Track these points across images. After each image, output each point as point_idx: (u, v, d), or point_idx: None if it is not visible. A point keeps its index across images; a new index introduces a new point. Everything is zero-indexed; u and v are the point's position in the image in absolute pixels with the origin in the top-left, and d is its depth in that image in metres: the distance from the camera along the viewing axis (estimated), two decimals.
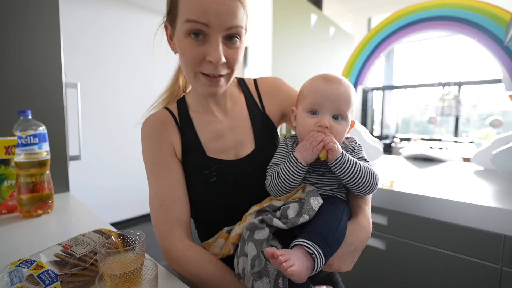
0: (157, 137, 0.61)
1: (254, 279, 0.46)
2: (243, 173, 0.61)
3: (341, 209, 0.52)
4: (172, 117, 0.64)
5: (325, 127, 0.54)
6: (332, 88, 0.54)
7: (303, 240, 0.44)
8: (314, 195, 0.52)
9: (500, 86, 3.19)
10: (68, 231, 0.77)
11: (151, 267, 0.44)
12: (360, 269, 1.41)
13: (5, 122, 0.95)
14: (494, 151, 1.60)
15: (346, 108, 0.55)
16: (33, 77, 1.02)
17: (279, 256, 0.40)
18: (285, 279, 0.46)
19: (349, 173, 0.52)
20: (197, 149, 0.62)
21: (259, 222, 0.50)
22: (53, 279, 0.43)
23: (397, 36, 2.28)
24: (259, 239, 0.48)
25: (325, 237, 0.45)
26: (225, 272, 0.55)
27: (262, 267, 0.46)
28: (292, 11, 3.10)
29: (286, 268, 0.39)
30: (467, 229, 1.11)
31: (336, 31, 3.97)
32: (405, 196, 1.25)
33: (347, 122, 0.57)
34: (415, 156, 2.09)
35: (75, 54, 2.62)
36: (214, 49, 0.50)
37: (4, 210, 0.88)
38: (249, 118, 0.66)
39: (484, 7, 1.84)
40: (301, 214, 0.49)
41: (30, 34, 1.00)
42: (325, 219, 0.49)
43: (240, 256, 0.49)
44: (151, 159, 0.61)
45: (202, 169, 0.61)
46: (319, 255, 0.43)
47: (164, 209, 0.58)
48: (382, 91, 4.63)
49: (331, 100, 0.54)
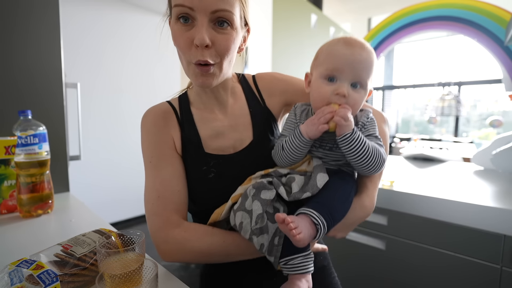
0: (158, 130, 0.61)
1: (255, 234, 0.49)
2: (241, 166, 0.61)
3: (350, 186, 0.53)
4: (173, 111, 0.64)
5: (342, 95, 0.50)
6: (354, 53, 0.50)
7: (311, 210, 0.46)
8: (321, 171, 0.51)
9: (500, 86, 3.19)
10: (68, 231, 0.77)
11: (151, 267, 0.44)
12: (360, 269, 1.41)
13: (5, 122, 0.95)
14: (494, 151, 1.60)
15: (367, 75, 0.51)
16: (33, 77, 1.02)
17: (290, 223, 0.42)
18: (280, 238, 0.49)
19: (355, 152, 0.50)
20: (196, 145, 0.62)
21: (267, 182, 0.51)
22: (53, 279, 0.43)
23: (397, 36, 2.28)
24: (265, 198, 0.49)
25: (332, 211, 0.47)
26: (224, 235, 0.56)
27: (264, 225, 0.49)
28: (292, 11, 3.10)
29: (295, 234, 0.42)
30: (467, 229, 1.11)
31: (336, 31, 3.97)
32: (405, 196, 1.25)
33: (366, 91, 0.53)
34: (415, 156, 2.09)
35: (75, 54, 2.62)
36: (199, 31, 0.50)
37: (4, 210, 0.88)
38: (249, 114, 0.66)
39: (484, 7, 1.84)
40: (305, 191, 0.50)
41: (30, 34, 1.00)
42: (335, 193, 0.50)
43: (239, 211, 0.51)
44: (150, 152, 0.60)
45: (200, 165, 0.61)
46: (323, 226, 0.45)
47: (162, 201, 0.57)
48: (382, 91, 4.63)
49: (352, 66, 0.50)
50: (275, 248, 0.49)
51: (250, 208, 0.50)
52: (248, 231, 0.50)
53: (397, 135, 4.84)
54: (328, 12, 4.77)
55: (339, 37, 0.54)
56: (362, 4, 4.66)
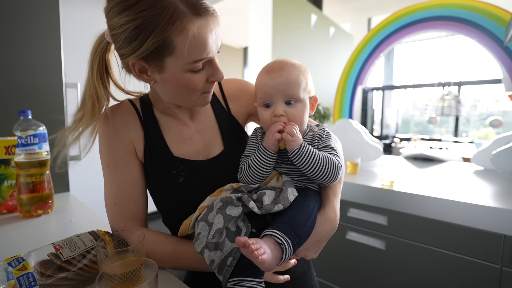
0: (115, 133, 0.58)
1: (208, 248, 0.48)
2: (214, 173, 0.60)
3: (313, 202, 0.54)
4: (136, 112, 0.61)
5: (279, 116, 0.55)
6: (274, 78, 0.55)
7: (273, 231, 0.45)
8: (291, 186, 0.53)
9: (500, 86, 3.19)
10: (68, 231, 0.77)
11: (151, 267, 0.44)
12: (360, 269, 1.41)
13: (5, 122, 0.95)
14: (494, 151, 1.60)
15: (295, 91, 0.55)
16: (33, 77, 1.02)
17: (251, 245, 0.40)
18: (234, 260, 0.47)
19: (307, 164, 0.53)
20: (163, 149, 0.60)
21: (236, 199, 0.51)
22: (31, 283, 0.43)
23: (397, 36, 2.28)
24: (230, 215, 0.49)
25: (295, 229, 0.47)
26: (175, 246, 0.56)
27: (220, 241, 0.48)
28: (292, 11, 3.10)
29: (257, 256, 0.40)
30: (467, 229, 1.11)
31: (336, 31, 3.97)
32: (405, 196, 1.25)
33: (303, 103, 0.57)
34: (415, 156, 2.09)
35: (75, 54, 2.62)
36: (217, 70, 0.53)
37: (4, 210, 0.88)
38: (215, 120, 0.66)
39: (484, 7, 1.84)
40: (276, 203, 0.50)
41: (30, 34, 1.00)
42: (297, 211, 0.50)
43: (201, 221, 0.51)
44: (107, 157, 0.59)
45: (169, 169, 0.59)
46: (288, 246, 0.45)
47: (118, 207, 0.57)
48: (382, 91, 4.64)
49: (276, 89, 0.55)
50: (226, 269, 0.47)
51: (212, 220, 0.49)
52: (203, 244, 0.49)
53: (397, 135, 4.84)
54: (328, 12, 4.77)
55: (265, 65, 0.59)
56: (362, 4, 4.66)
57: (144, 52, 0.47)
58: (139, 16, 0.44)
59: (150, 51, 0.47)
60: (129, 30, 0.45)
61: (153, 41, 0.45)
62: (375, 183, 1.40)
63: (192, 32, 0.46)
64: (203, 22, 0.47)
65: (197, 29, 0.46)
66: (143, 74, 0.53)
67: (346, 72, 2.57)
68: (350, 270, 1.45)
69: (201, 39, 0.47)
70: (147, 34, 0.45)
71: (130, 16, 0.44)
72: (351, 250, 1.42)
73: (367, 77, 2.53)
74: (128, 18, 0.44)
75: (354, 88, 2.54)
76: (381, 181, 1.42)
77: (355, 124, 1.96)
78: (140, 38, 0.45)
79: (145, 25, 0.44)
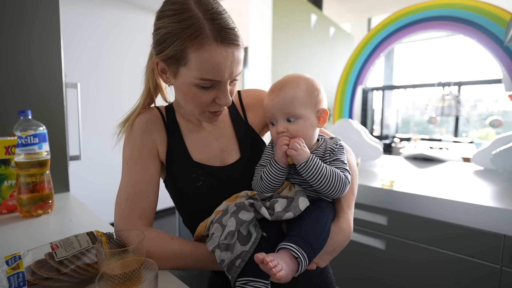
0: (141, 133, 0.62)
1: (219, 248, 0.51)
2: (229, 179, 0.63)
3: (327, 214, 0.55)
4: (161, 116, 0.66)
5: (282, 132, 0.58)
6: (273, 98, 0.59)
7: (289, 244, 0.47)
8: (302, 196, 0.55)
9: (500, 86, 3.19)
10: (68, 231, 0.77)
11: (151, 267, 0.44)
12: (360, 269, 1.41)
13: (5, 122, 0.95)
14: (494, 151, 1.60)
15: (294, 108, 0.57)
16: (33, 77, 1.02)
17: (269, 262, 0.42)
18: (242, 262, 0.49)
19: (314, 177, 0.54)
20: (183, 153, 0.63)
21: (249, 204, 0.54)
22: (20, 283, 0.43)
23: (397, 36, 2.28)
24: (242, 219, 0.52)
25: (310, 242, 0.49)
26: (182, 248, 0.58)
27: (232, 243, 0.51)
28: (292, 11, 3.10)
29: (276, 273, 0.42)
30: (467, 229, 1.11)
31: (336, 31, 3.97)
32: (405, 196, 1.25)
33: (305, 118, 0.59)
34: (415, 156, 2.09)
35: (75, 54, 2.62)
36: (225, 95, 0.56)
37: (4, 210, 0.88)
38: (232, 128, 0.69)
39: (484, 7, 1.84)
40: (287, 211, 0.52)
41: (30, 34, 1.00)
42: (311, 223, 0.52)
43: (216, 223, 0.54)
44: (129, 154, 0.62)
45: (188, 173, 0.62)
46: (304, 259, 0.46)
47: (129, 204, 0.59)
48: (382, 91, 4.64)
49: (276, 108, 0.58)
50: (234, 269, 0.49)
51: (226, 223, 0.52)
52: (215, 244, 0.52)
53: (397, 135, 4.84)
54: (328, 12, 4.76)
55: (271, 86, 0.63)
56: (362, 4, 4.66)
57: (165, 55, 0.53)
58: (170, 25, 0.51)
59: (170, 55, 0.53)
60: (160, 34, 0.53)
61: (174, 49, 0.52)
62: (375, 183, 1.40)
63: (207, 53, 0.50)
64: (222, 49, 0.51)
65: (213, 52, 0.50)
66: (163, 75, 0.58)
67: (346, 72, 2.57)
68: (350, 270, 1.45)
69: (214, 62, 0.51)
70: (171, 41, 0.51)
71: (165, 24, 0.52)
72: (351, 250, 1.42)
73: (367, 77, 2.52)
74: (163, 24, 0.52)
75: (354, 88, 2.54)
76: (381, 181, 1.42)
77: (355, 124, 1.96)
78: (166, 43, 0.52)
79: (172, 34, 0.51)
